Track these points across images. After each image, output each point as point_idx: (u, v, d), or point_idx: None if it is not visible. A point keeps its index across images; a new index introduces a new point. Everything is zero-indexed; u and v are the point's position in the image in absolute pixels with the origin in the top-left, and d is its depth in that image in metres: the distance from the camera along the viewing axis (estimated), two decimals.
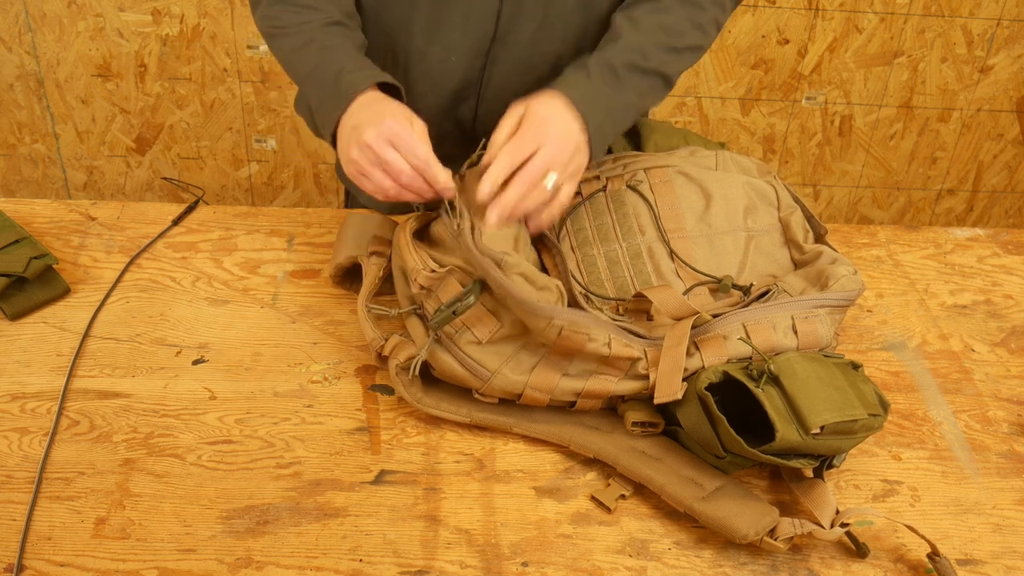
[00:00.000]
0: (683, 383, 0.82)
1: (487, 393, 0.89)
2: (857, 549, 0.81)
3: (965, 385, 1.00)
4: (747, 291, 0.93)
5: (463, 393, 0.91)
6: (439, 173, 0.90)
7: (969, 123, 2.41)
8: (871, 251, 1.20)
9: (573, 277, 0.96)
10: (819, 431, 0.78)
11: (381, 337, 0.92)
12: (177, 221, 1.16)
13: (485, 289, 0.87)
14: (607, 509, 0.83)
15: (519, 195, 0.90)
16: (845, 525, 0.79)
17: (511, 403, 0.90)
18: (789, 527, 0.79)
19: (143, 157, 2.36)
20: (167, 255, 1.11)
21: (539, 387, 0.87)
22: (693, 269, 0.96)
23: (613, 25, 1.01)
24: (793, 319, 0.87)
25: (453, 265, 0.88)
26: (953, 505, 0.87)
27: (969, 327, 1.09)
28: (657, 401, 0.83)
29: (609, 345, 0.84)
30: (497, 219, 0.89)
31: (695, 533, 0.82)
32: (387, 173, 0.90)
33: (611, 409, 0.91)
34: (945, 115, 2.39)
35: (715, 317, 0.87)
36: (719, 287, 0.95)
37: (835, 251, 0.96)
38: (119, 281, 1.06)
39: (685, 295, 0.94)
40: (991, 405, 0.98)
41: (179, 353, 0.97)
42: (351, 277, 1.05)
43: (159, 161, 2.37)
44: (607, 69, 0.97)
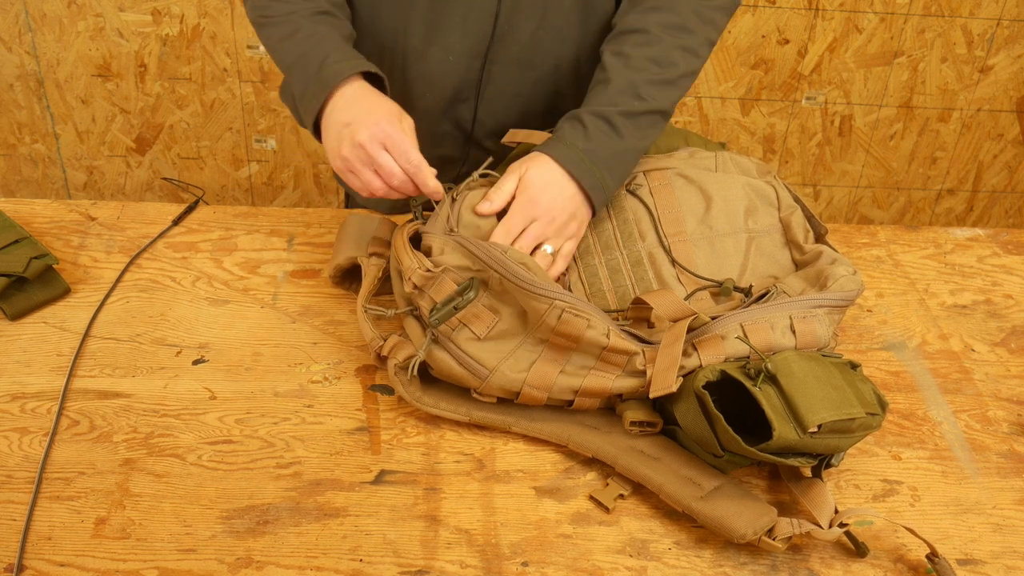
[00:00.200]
0: (679, 378, 0.82)
1: (485, 392, 0.89)
2: (856, 549, 0.81)
3: (965, 385, 1.01)
4: (748, 293, 0.93)
5: (462, 392, 0.91)
6: (428, 178, 0.92)
7: (969, 123, 2.41)
8: (871, 251, 1.20)
9: (572, 290, 0.96)
10: (816, 430, 0.78)
11: (380, 337, 0.92)
12: (177, 221, 1.16)
13: (483, 285, 0.87)
14: (606, 509, 0.83)
15: None
16: (844, 525, 0.80)
17: (510, 402, 0.90)
18: (787, 527, 0.79)
19: (143, 157, 2.36)
20: (167, 255, 1.11)
21: (537, 384, 0.87)
22: (693, 274, 0.96)
23: (603, 64, 0.98)
24: (791, 319, 0.87)
25: (447, 265, 0.88)
26: (953, 505, 0.87)
27: (969, 327, 1.09)
28: (652, 395, 0.83)
29: (608, 335, 0.84)
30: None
31: (695, 533, 0.82)
32: (378, 174, 0.93)
33: (610, 409, 0.91)
34: (945, 115, 2.39)
35: (713, 319, 0.87)
36: (720, 291, 0.95)
37: (835, 251, 0.96)
38: (119, 281, 1.06)
39: (687, 300, 0.94)
40: (991, 405, 0.98)
41: (179, 353, 0.97)
42: (351, 277, 1.05)
43: (159, 161, 2.37)
44: (602, 121, 0.95)
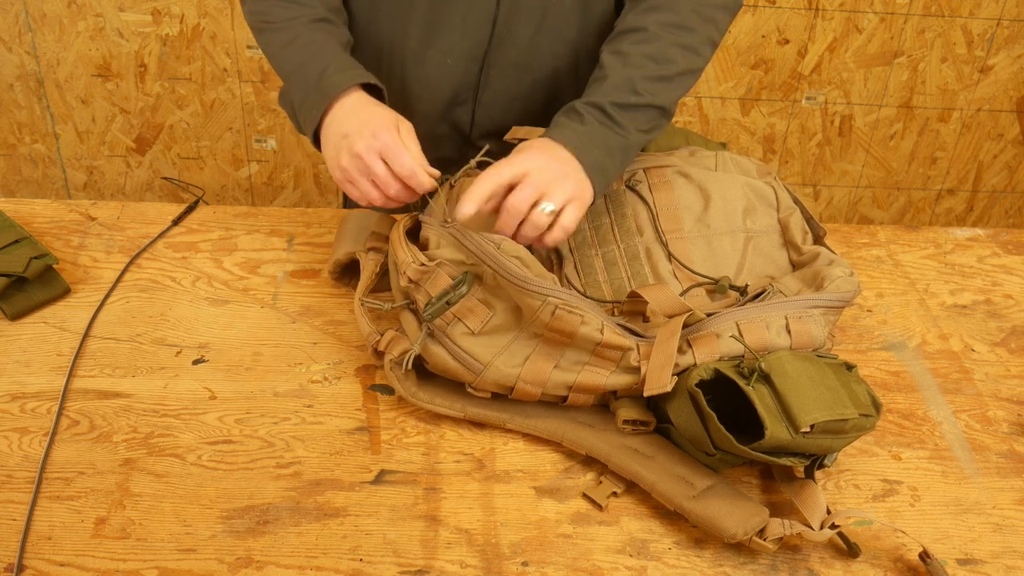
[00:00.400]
0: (673, 377, 0.82)
1: (479, 387, 0.89)
2: (849, 549, 0.81)
3: (965, 385, 1.00)
4: (744, 292, 0.93)
5: (458, 388, 0.91)
6: (425, 182, 0.92)
7: (969, 123, 2.41)
8: (871, 251, 1.20)
9: (570, 282, 0.96)
10: (809, 430, 0.78)
11: (376, 332, 0.92)
12: (177, 221, 1.16)
13: (477, 280, 0.87)
14: (599, 506, 0.83)
15: (510, 224, 0.88)
16: (835, 527, 0.80)
17: (505, 399, 0.90)
18: (778, 527, 0.79)
19: (143, 157, 2.36)
20: (167, 255, 1.11)
21: (531, 380, 0.87)
22: (690, 270, 0.96)
23: (600, 63, 0.98)
24: (787, 319, 0.87)
25: (442, 259, 0.88)
26: (953, 505, 0.87)
27: (969, 327, 1.09)
28: (646, 393, 0.83)
29: (602, 330, 0.84)
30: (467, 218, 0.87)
31: (695, 533, 0.82)
32: (374, 184, 0.93)
33: (604, 406, 0.91)
34: (945, 115, 2.39)
35: (709, 316, 0.87)
36: (716, 288, 0.95)
37: (833, 252, 0.96)
38: (119, 281, 1.06)
39: (682, 296, 0.94)
40: (991, 405, 0.98)
41: (179, 353, 0.97)
42: (350, 273, 1.06)
43: (159, 161, 2.37)
44: (597, 110, 0.94)
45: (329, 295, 1.06)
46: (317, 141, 0.99)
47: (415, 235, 0.98)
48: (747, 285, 0.94)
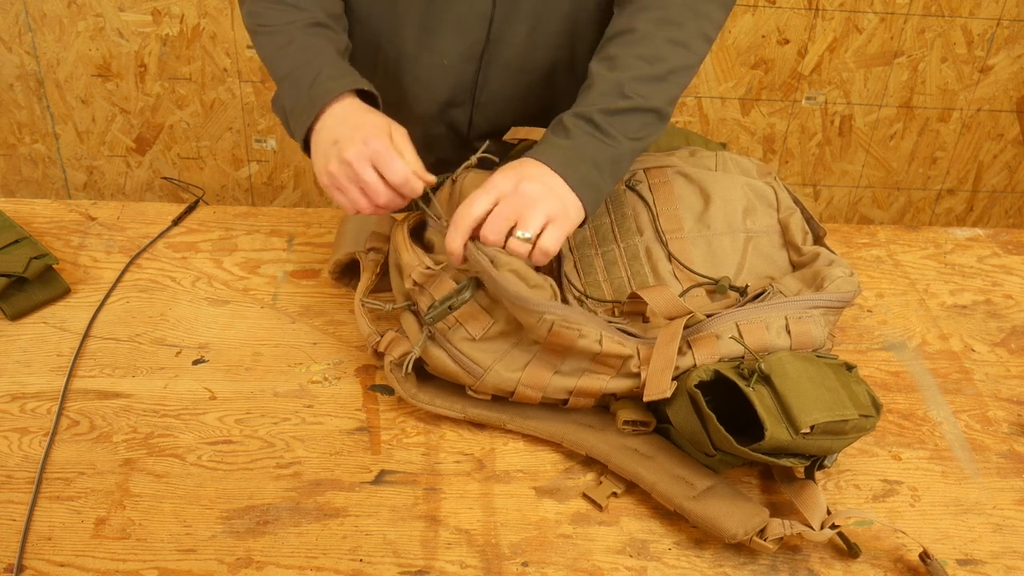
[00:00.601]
0: (673, 382, 0.82)
1: (480, 390, 0.89)
2: (849, 549, 0.81)
3: (965, 385, 1.00)
4: (744, 292, 0.93)
5: (457, 389, 0.91)
6: (418, 188, 0.90)
7: (969, 123, 2.41)
8: (871, 251, 1.20)
9: (569, 280, 0.96)
10: (809, 431, 0.78)
11: (377, 333, 0.92)
12: (177, 221, 1.16)
13: (480, 286, 0.87)
14: (599, 507, 0.83)
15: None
16: (835, 527, 0.79)
17: (505, 400, 0.90)
18: (779, 528, 0.79)
19: (143, 157, 2.36)
20: (167, 255, 1.11)
21: (531, 384, 0.87)
22: (690, 270, 0.96)
23: (589, 71, 0.94)
24: (787, 319, 0.87)
25: (447, 263, 0.88)
26: (953, 505, 0.87)
27: (969, 327, 1.09)
28: (646, 399, 0.83)
29: (600, 342, 0.84)
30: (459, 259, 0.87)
31: (695, 533, 0.82)
32: (364, 192, 0.90)
33: (604, 407, 0.91)
34: (945, 115, 2.39)
35: (709, 317, 0.87)
36: (716, 288, 0.95)
37: (833, 253, 0.96)
38: (119, 281, 1.06)
39: (682, 296, 0.94)
40: (991, 405, 0.98)
41: (179, 353, 0.97)
42: (350, 273, 1.06)
43: (159, 161, 2.37)
44: (583, 120, 0.90)
45: (329, 295, 1.06)
46: (308, 147, 0.97)
47: (416, 234, 0.98)
48: (747, 286, 0.94)
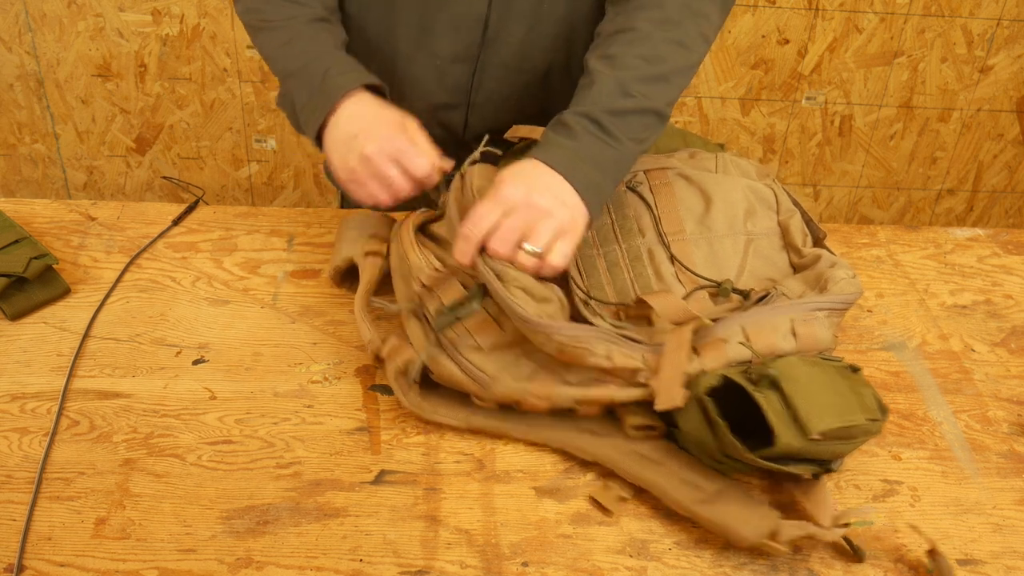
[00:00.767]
0: (684, 391, 0.82)
1: (486, 399, 0.88)
2: (854, 552, 0.81)
3: (965, 385, 1.00)
4: (747, 295, 0.93)
5: (461, 398, 0.90)
6: (436, 178, 0.94)
7: (969, 123, 2.41)
8: (871, 251, 1.20)
9: (573, 281, 0.96)
10: (819, 436, 0.78)
11: (378, 338, 0.91)
12: (177, 221, 1.16)
13: (487, 295, 0.86)
14: (607, 511, 0.83)
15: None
16: (846, 525, 0.79)
17: (509, 408, 0.89)
18: (790, 529, 0.78)
19: (143, 157, 2.36)
20: (167, 255, 1.11)
21: (539, 394, 0.86)
22: (693, 273, 0.96)
23: (588, 69, 0.93)
24: (792, 322, 0.86)
25: (456, 265, 0.88)
26: (953, 505, 0.87)
27: (969, 327, 1.09)
28: (658, 408, 0.83)
29: (610, 358, 0.83)
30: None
31: (695, 533, 0.82)
32: (384, 187, 0.93)
33: (609, 412, 0.90)
34: (945, 115, 2.39)
35: (715, 321, 0.87)
36: (719, 291, 0.94)
37: (834, 254, 0.96)
38: (119, 281, 1.06)
39: (685, 299, 0.94)
40: (991, 405, 0.98)
41: (179, 353, 0.97)
42: (351, 278, 1.05)
43: (159, 161, 2.37)
44: (587, 120, 0.89)
45: (329, 295, 1.06)
46: (319, 141, 1.00)
47: (422, 231, 0.97)
48: (752, 290, 0.94)
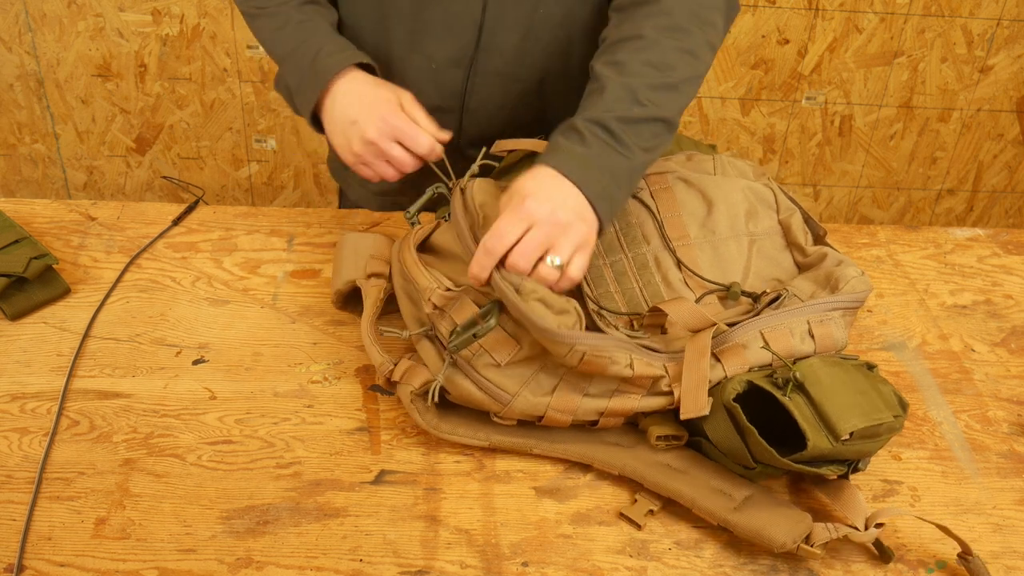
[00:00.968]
0: (709, 398, 0.81)
1: (507, 416, 0.86)
2: (881, 554, 0.80)
3: (965, 385, 1.00)
4: (757, 298, 0.92)
5: (479, 416, 0.89)
6: (439, 151, 0.98)
7: (969, 123, 2.41)
8: (871, 251, 1.20)
9: (585, 292, 0.94)
10: (848, 437, 0.78)
11: (390, 361, 0.89)
12: (177, 221, 1.16)
13: (503, 311, 0.84)
14: (637, 526, 0.82)
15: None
16: (880, 525, 0.79)
17: (529, 424, 0.88)
18: (824, 532, 0.78)
19: (143, 157, 2.36)
20: (167, 255, 1.11)
21: (561, 408, 0.84)
22: (700, 277, 0.94)
23: (595, 75, 0.90)
24: (809, 323, 0.86)
25: (467, 284, 0.86)
26: (953, 505, 0.87)
27: (969, 327, 1.09)
28: (683, 417, 0.82)
29: (631, 366, 0.82)
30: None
31: (695, 533, 0.82)
32: (391, 165, 0.98)
33: (632, 423, 0.89)
34: (945, 115, 2.39)
35: (730, 326, 0.86)
36: (728, 294, 0.93)
37: (838, 252, 0.96)
38: (119, 281, 1.06)
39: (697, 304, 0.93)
40: (991, 405, 0.98)
41: (179, 353, 0.97)
42: (354, 300, 1.02)
43: (159, 161, 2.37)
44: (599, 127, 0.86)
45: (329, 296, 1.06)
46: (316, 123, 1.04)
47: (422, 248, 0.95)
48: (763, 292, 0.93)
